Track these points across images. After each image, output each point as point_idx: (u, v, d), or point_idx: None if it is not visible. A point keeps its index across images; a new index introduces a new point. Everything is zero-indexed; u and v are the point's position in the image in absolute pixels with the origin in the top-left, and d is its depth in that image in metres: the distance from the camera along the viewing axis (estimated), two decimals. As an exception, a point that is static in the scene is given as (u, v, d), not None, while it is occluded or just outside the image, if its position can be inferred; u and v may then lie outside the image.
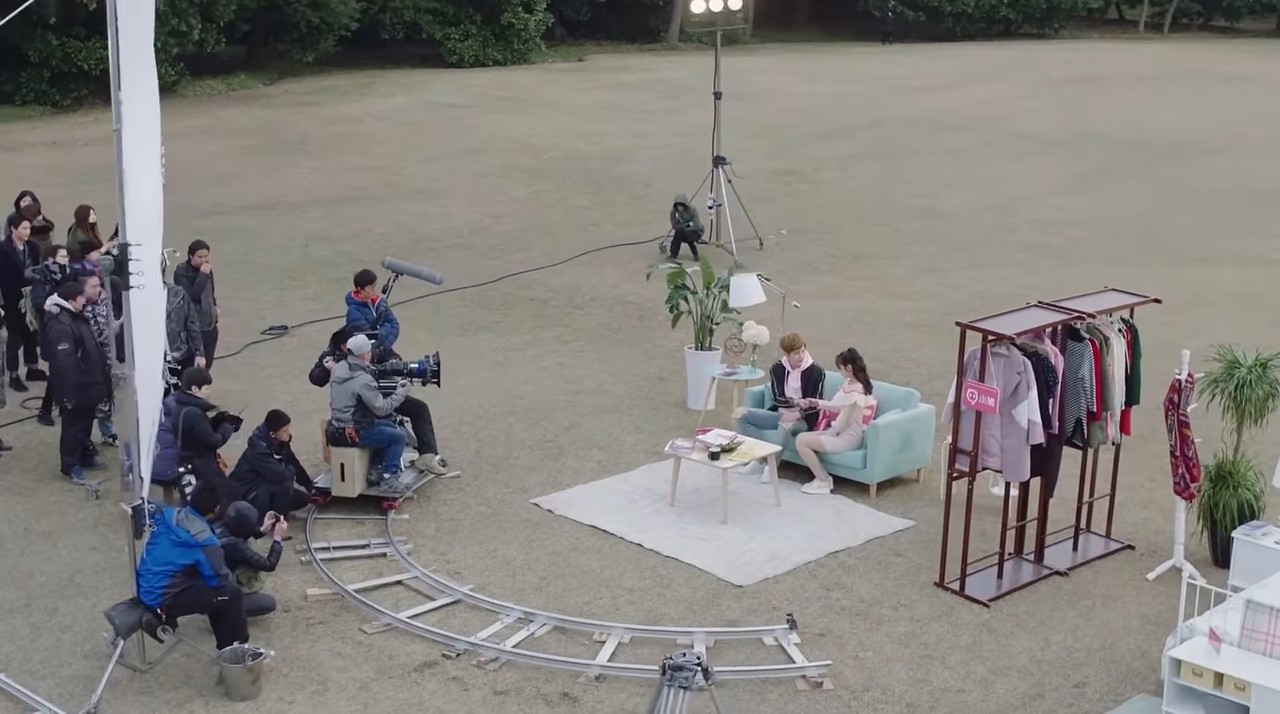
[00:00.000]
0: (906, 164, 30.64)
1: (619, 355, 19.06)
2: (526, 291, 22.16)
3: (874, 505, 14.40)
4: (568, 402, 17.31)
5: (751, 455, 14.21)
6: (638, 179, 30.05)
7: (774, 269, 22.73)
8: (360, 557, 13.34)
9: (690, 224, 23.84)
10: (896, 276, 22.66)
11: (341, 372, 13.98)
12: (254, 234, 25.82)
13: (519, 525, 14.00)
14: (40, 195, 20.33)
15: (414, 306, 21.00)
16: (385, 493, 14.08)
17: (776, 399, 15.22)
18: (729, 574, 12.91)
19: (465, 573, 13.05)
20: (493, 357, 19.03)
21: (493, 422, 16.65)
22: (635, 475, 15.07)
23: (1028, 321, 12.45)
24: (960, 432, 12.42)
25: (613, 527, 13.85)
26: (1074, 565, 13.17)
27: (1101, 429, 12.81)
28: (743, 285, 16.32)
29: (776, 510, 14.23)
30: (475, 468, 15.29)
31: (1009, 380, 12.17)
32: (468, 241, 25.19)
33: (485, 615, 12.27)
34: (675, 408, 17.11)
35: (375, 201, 28.15)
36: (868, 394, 14.65)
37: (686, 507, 14.29)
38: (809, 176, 29.84)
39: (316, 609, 12.43)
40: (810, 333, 18.97)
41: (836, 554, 13.40)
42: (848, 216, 26.44)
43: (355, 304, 15.41)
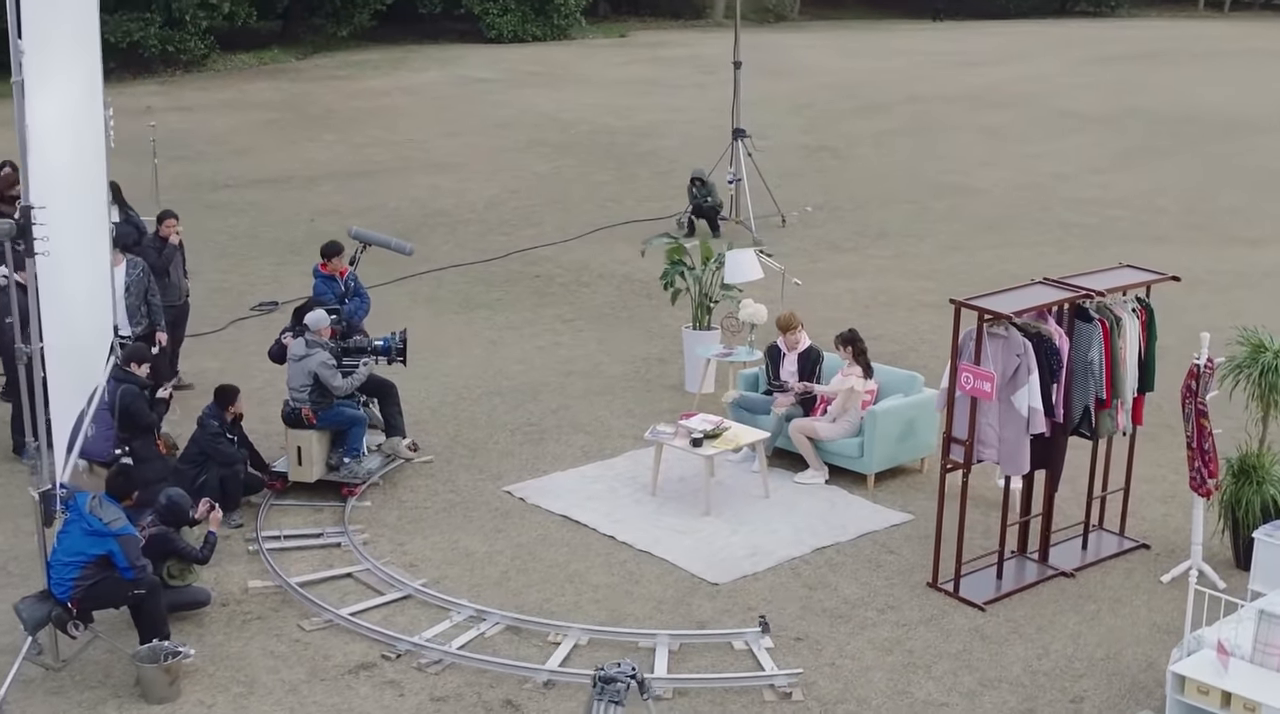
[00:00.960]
0: (942, 140, 29.50)
1: (619, 335, 18.09)
2: (533, 268, 21.23)
3: (871, 497, 13.38)
4: (558, 383, 16.36)
5: (737, 442, 13.18)
6: (664, 155, 29.04)
7: (794, 246, 21.81)
8: (312, 547, 12.45)
9: (708, 199, 22.83)
10: (920, 255, 21.58)
11: (298, 348, 13.08)
12: (263, 208, 25.07)
13: (487, 515, 13.06)
14: None
15: (413, 283, 20.22)
16: (345, 478, 13.18)
17: (770, 383, 14.20)
18: (704, 571, 11.92)
19: (422, 565, 12.12)
20: (487, 335, 18.11)
21: (475, 403, 15.72)
22: (619, 462, 14.10)
23: (1030, 300, 11.38)
24: (954, 420, 11.36)
25: (586, 517, 12.89)
26: (1082, 566, 12.11)
27: (1111, 417, 11.73)
28: (738, 260, 15.29)
29: (765, 502, 13.22)
30: (449, 452, 14.37)
31: (1008, 364, 11.10)
32: (480, 216, 24.30)
33: (435, 613, 11.35)
34: (671, 391, 16.13)
35: (390, 175, 27.32)
36: (868, 378, 13.61)
37: (668, 497, 13.31)
38: (841, 152, 28.75)
39: (256, 603, 11.53)
40: (824, 313, 18.09)
41: (824, 550, 12.39)
42: (876, 193, 25.34)
43: (322, 277, 14.51)
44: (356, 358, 13.43)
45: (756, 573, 11.97)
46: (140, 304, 14.68)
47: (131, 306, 14.57)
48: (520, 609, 11.38)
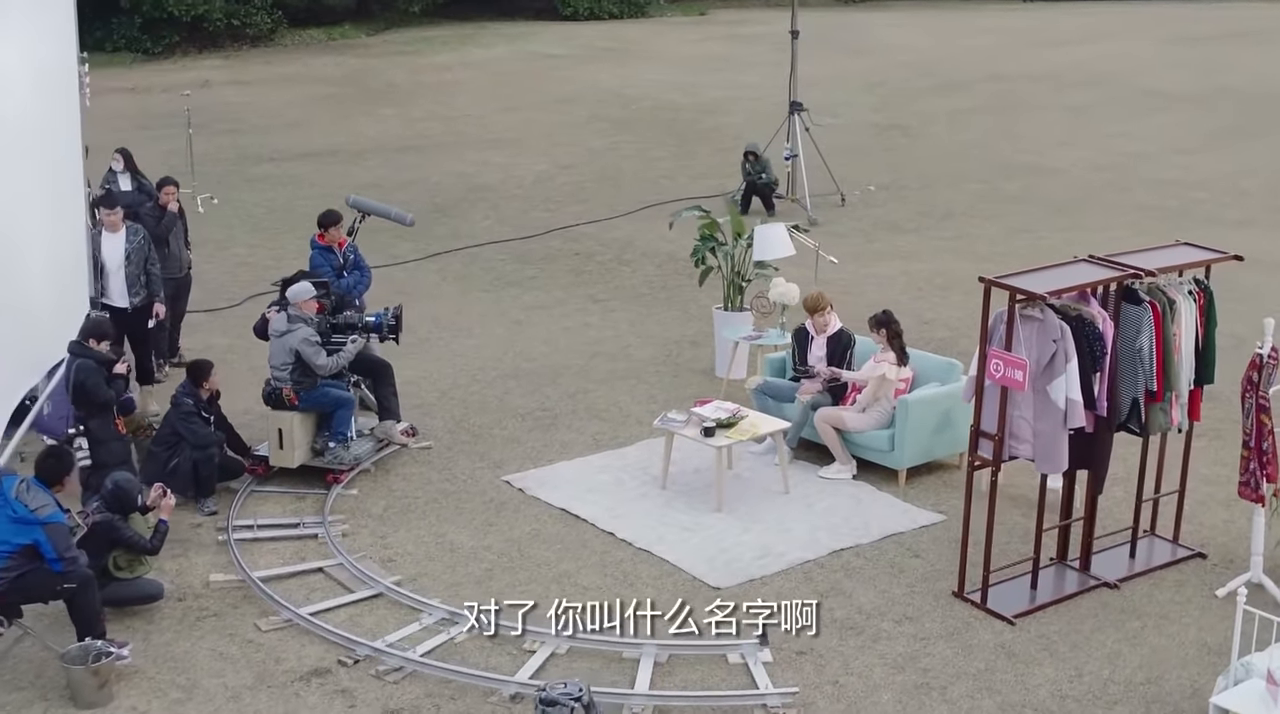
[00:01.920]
0: (1021, 120, 28.14)
1: (654, 316, 17.02)
2: (573, 246, 20.22)
3: (901, 495, 12.21)
4: (580, 366, 15.32)
5: (754, 432, 12.04)
6: (727, 132, 27.89)
7: (851, 226, 20.68)
8: (287, 538, 11.51)
9: (763, 176, 21.68)
10: (985, 237, 20.30)
11: (279, 323, 12.12)
12: (304, 181, 24.28)
13: (480, 506, 12.04)
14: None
15: (445, 260, 19.35)
16: (330, 464, 12.22)
17: (796, 368, 13.04)
18: (707, 573, 10.82)
19: (400, 560, 11.12)
20: (514, 314, 17.10)
21: (488, 386, 14.71)
22: (632, 451, 13.03)
23: (1070, 278, 10.15)
24: (983, 412, 10.16)
25: (586, 511, 11.83)
26: (1128, 576, 10.88)
27: (1164, 412, 10.48)
28: (768, 236, 14.14)
29: (784, 498, 12.10)
30: (451, 438, 13.37)
31: (1043, 350, 9.89)
32: (526, 192, 23.32)
33: (405, 614, 10.35)
34: (700, 376, 15.04)
35: (440, 150, 26.45)
36: (902, 364, 12.41)
37: (679, 490, 12.22)
38: (912, 130, 27.47)
39: (215, 599, 10.60)
40: (874, 296, 16.96)
41: (842, 553, 11.25)
42: (944, 172, 24.06)
43: (319, 248, 13.54)
44: (347, 335, 12.41)
45: (764, 577, 10.87)
46: (140, 273, 13.80)
47: (131, 276, 13.72)
48: (498, 612, 10.29)
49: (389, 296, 17.74)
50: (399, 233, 20.73)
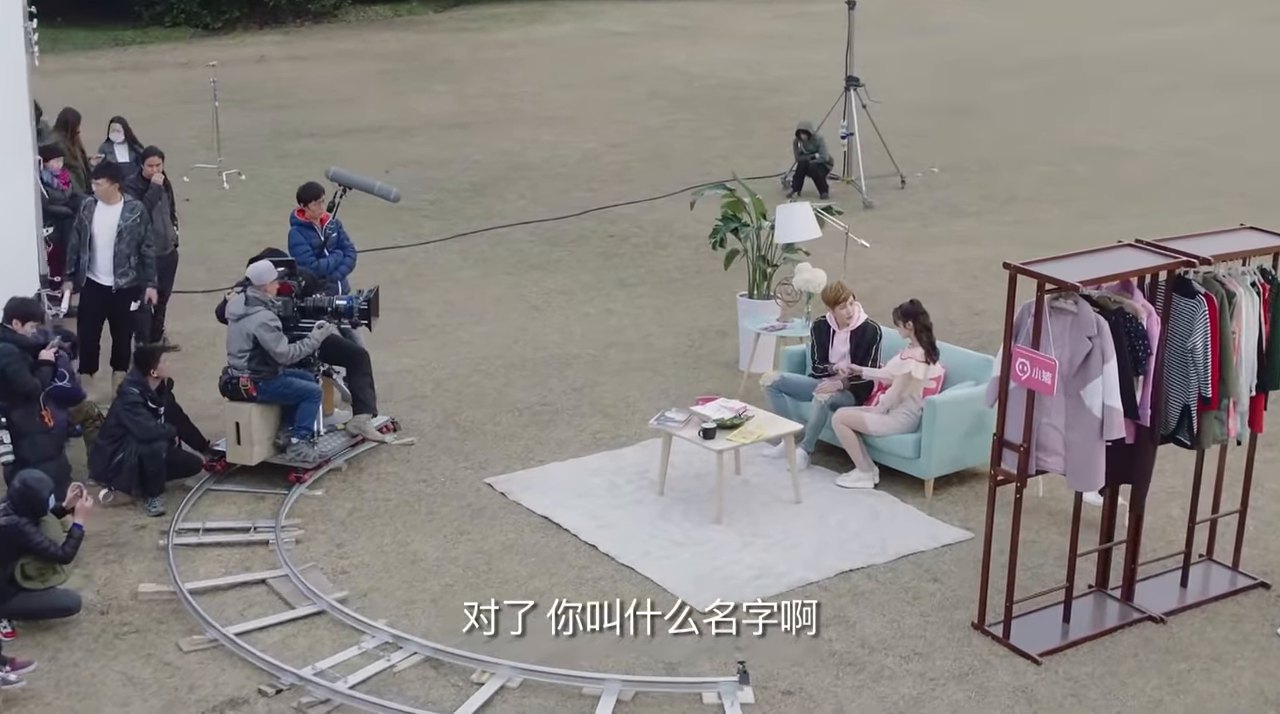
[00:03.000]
0: (1096, 101, 26.51)
1: (683, 303, 15.74)
2: (609, 227, 18.97)
3: (926, 508, 10.86)
4: (593, 356, 14.08)
5: (759, 435, 10.71)
6: (789, 111, 26.40)
7: (909, 209, 19.30)
8: (235, 543, 10.36)
9: (816, 155, 20.31)
10: (1049, 222, 18.81)
11: (236, 306, 10.98)
12: (343, 157, 23.13)
13: (454, 512, 10.84)
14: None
15: (471, 240, 18.27)
16: (292, 462, 11.04)
17: (816, 365, 11.69)
18: (693, 595, 9.53)
19: (354, 573, 9.94)
20: (533, 299, 15.89)
21: (490, 377, 13.51)
22: (630, 452, 11.78)
23: (1111, 266, 8.74)
24: (1007, 419, 8.78)
25: (569, 520, 10.59)
26: (1177, 608, 9.47)
27: (1219, 421, 9.06)
28: (791, 216, 12.81)
29: (794, 509, 10.79)
30: (438, 434, 12.18)
31: (1076, 348, 8.51)
32: (570, 170, 22.10)
33: (347, 635, 9.17)
34: (722, 369, 13.76)
35: (490, 127, 25.31)
36: (931, 362, 11.03)
37: (677, 497, 10.94)
38: (981, 111, 25.93)
39: (141, 613, 9.49)
40: (921, 284, 15.62)
41: (851, 574, 9.92)
42: (1012, 155, 22.55)
43: (298, 225, 12.37)
44: (316, 320, 11.24)
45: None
46: (131, 253, 12.70)
47: (120, 254, 12.63)
48: (452, 634, 9.08)
49: (404, 277, 16.72)
50: (424, 212, 19.71)
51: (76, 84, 28.93)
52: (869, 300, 15.10)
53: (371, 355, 13.10)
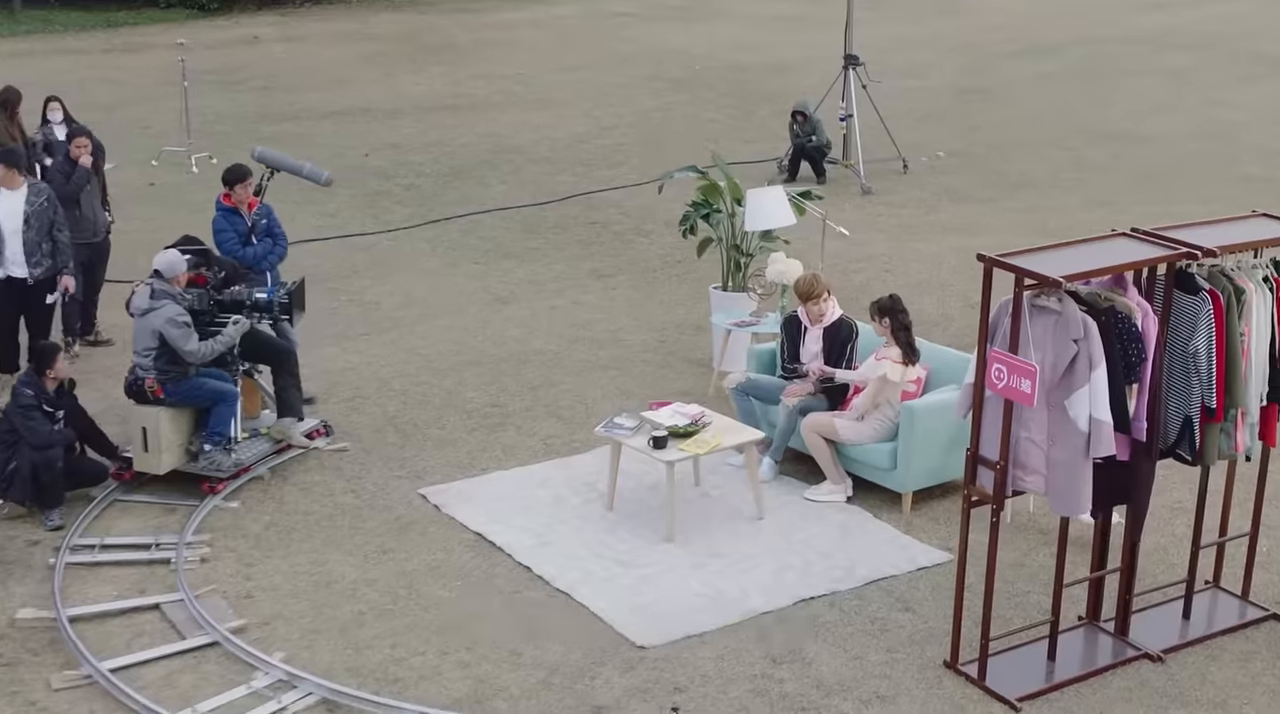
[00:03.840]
0: (1114, 84, 25.35)
1: (660, 295, 14.69)
2: (591, 213, 17.91)
3: (904, 525, 9.77)
4: (556, 353, 13.02)
5: (715, 444, 9.62)
6: (792, 93, 25.21)
7: (911, 195, 18.22)
8: (134, 562, 9.36)
9: (813, 138, 19.19)
10: (1060, 209, 17.69)
11: (141, 300, 9.95)
12: (323, 141, 22.24)
13: (381, 527, 9.79)
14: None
15: (441, 228, 17.28)
16: (206, 471, 9.99)
17: (784, 366, 10.59)
18: (630, 626, 8.47)
19: (259, 597, 8.89)
20: (499, 291, 14.84)
21: (440, 375, 12.47)
22: (583, 461, 10.72)
23: (1102, 258, 7.63)
24: (982, 432, 7.68)
25: (505, 538, 9.53)
26: (1178, 645, 8.39)
27: (1226, 435, 7.92)
28: (761, 202, 11.69)
29: (755, 526, 9.72)
30: (375, 439, 11.14)
31: (1060, 352, 7.40)
32: (557, 154, 21.05)
33: (238, 671, 8.11)
34: (694, 367, 12.69)
35: (478, 110, 24.29)
36: (909, 363, 9.93)
37: (628, 513, 9.88)
38: (993, 94, 24.79)
39: (16, 642, 8.52)
40: (919, 275, 14.62)
41: (812, 602, 8.84)
42: (1024, 139, 21.42)
43: (224, 211, 11.33)
44: (234, 314, 10.21)
45: (705, 633, 8.49)
46: (41, 240, 11.70)
47: (30, 242, 11.66)
48: (355, 673, 8.04)
49: (365, 267, 15.72)
50: (397, 197, 18.72)
51: (62, 65, 28.10)
52: (862, 291, 14.12)
53: (315, 352, 12.19)
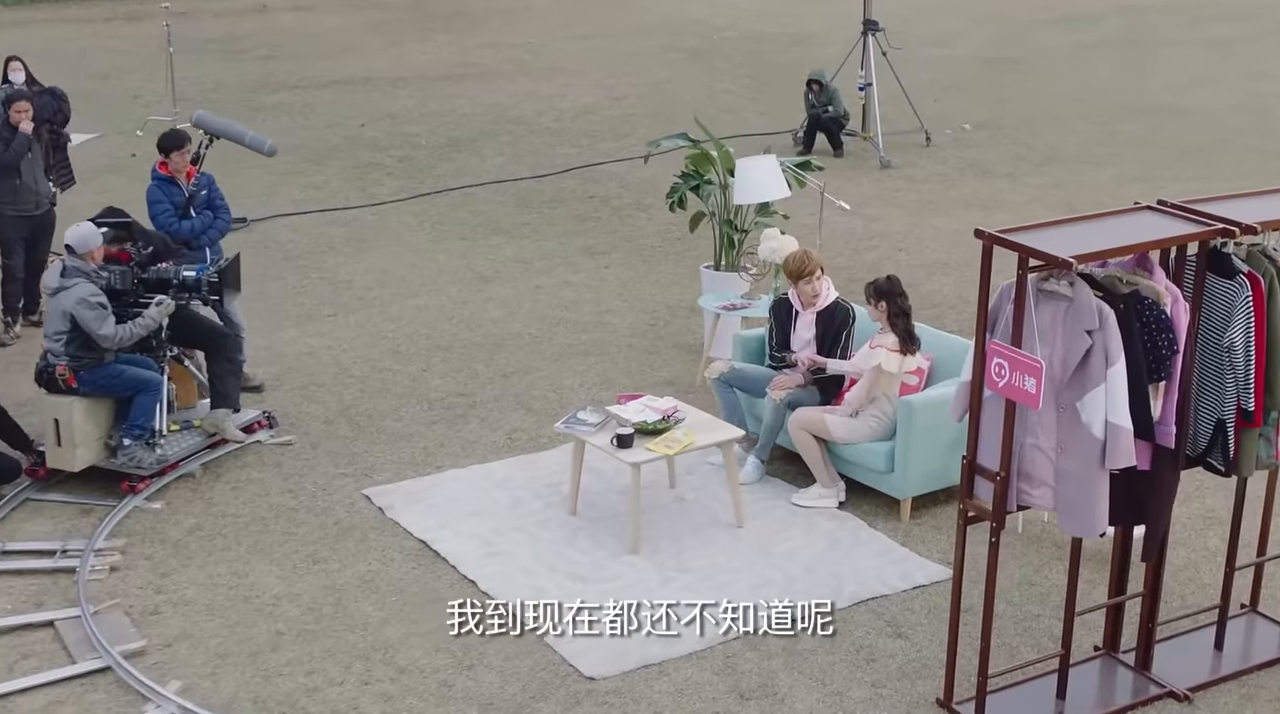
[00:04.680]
0: (1152, 55, 24.12)
1: (654, 274, 13.63)
2: (590, 187, 16.85)
3: (900, 536, 8.68)
4: (535, 337, 11.97)
5: (687, 443, 8.53)
6: (812, 64, 24.13)
7: (931, 169, 17.13)
8: (35, 571, 8.38)
9: (829, 109, 18.06)
10: (1090, 185, 16.52)
11: (51, 279, 8.96)
12: (318, 111, 21.29)
13: (315, 532, 8.77)
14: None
15: (431, 201, 16.32)
16: (125, 468, 8.97)
17: (773, 354, 9.49)
18: (581, 655, 7.36)
19: (167, 614, 7.89)
20: (484, 269, 13.79)
21: (406, 361, 11.44)
22: (549, 458, 9.68)
23: (1122, 235, 6.49)
24: (980, 437, 6.56)
25: (450, 546, 8.49)
26: (1209, 681, 7.25)
27: (1266, 441, 6.79)
28: (751, 172, 10.58)
29: (735, 535, 8.64)
30: (324, 431, 10.11)
31: (1072, 345, 6.29)
32: (561, 125, 19.98)
33: (127, 703, 7.09)
34: (683, 353, 11.64)
35: (484, 79, 23.28)
36: (908, 353, 8.81)
37: (592, 518, 8.83)
38: (1025, 65, 23.59)
39: (-114, 664, 7.40)
40: (933, 254, 13.64)
41: (791, 625, 7.69)
42: (1055, 112, 20.23)
43: (159, 180, 10.29)
44: (160, 294, 9.17)
45: (664, 662, 7.41)
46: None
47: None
48: (258, 703, 6.99)
49: (342, 243, 14.77)
50: (388, 169, 17.72)
51: (64, 33, 27.32)
52: (873, 270, 13.02)
53: (273, 335, 11.27)
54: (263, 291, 13.22)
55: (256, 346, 11.74)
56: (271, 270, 13.82)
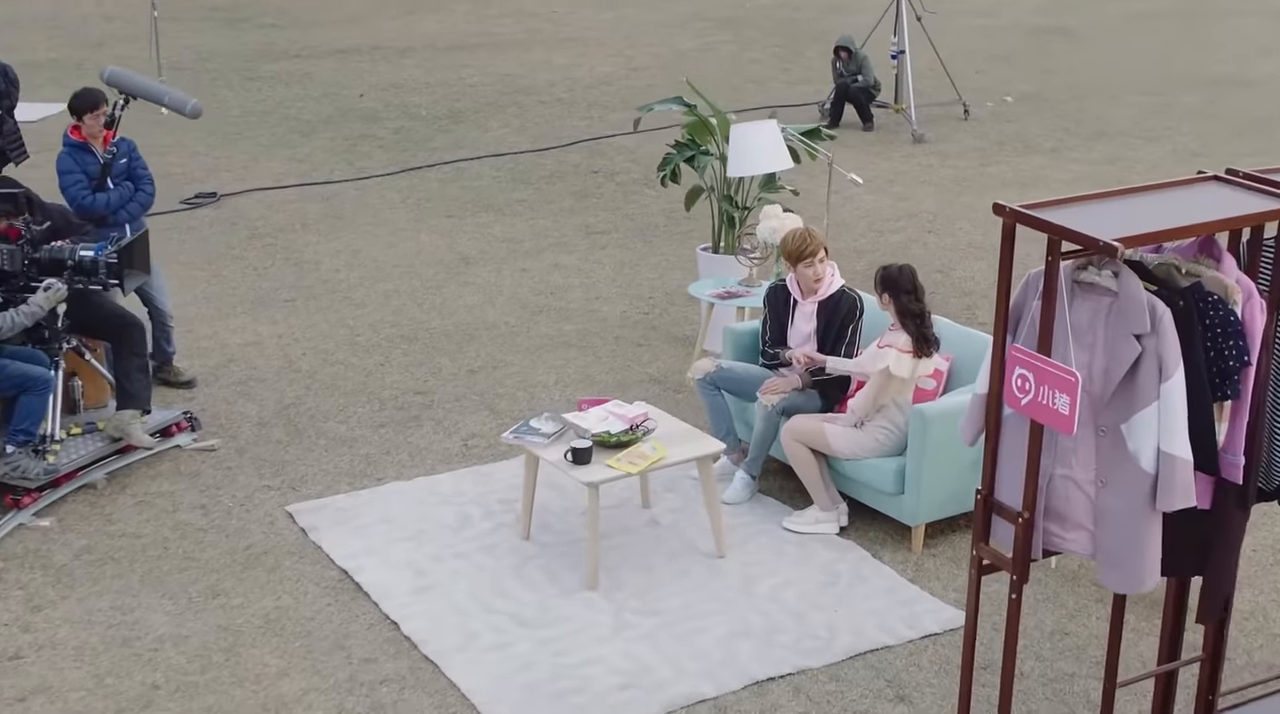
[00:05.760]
0: (1214, 25, 22.59)
1: (654, 257, 12.29)
2: (595, 161, 15.54)
3: (910, 571, 7.28)
4: (513, 326, 10.64)
5: (655, 458, 7.14)
6: (847, 32, 22.74)
7: (968, 144, 15.72)
8: (-114, 602, 6.97)
9: (858, 78, 16.63)
10: (1143, 161, 15.06)
11: (-79, 258, 7.57)
12: (318, 80, 20.05)
13: (222, 558, 7.45)
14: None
15: (422, 175, 15.02)
16: (8, 479, 7.70)
17: (766, 350, 8.09)
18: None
19: (31, 658, 6.65)
20: (467, 249, 12.47)
21: (364, 353, 10.12)
22: (506, 469, 8.35)
23: (1181, 212, 5.06)
24: (998, 467, 5.15)
25: (377, 577, 7.14)
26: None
27: (1361, 475, 5.33)
28: (747, 138, 9.16)
29: (714, 567, 7.27)
30: (256, 434, 8.80)
31: (1116, 353, 4.88)
32: (573, 96, 18.64)
33: (-48, 776, 5.72)
34: (678, 346, 10.33)
35: (498, 49, 22.01)
36: (921, 355, 7.39)
37: (549, 542, 7.47)
38: (1075, 35, 22.08)
39: None
40: (964, 236, 12.33)
41: (770, 685, 6.41)
42: (1106, 83, 18.72)
43: (71, 146, 8.97)
44: (53, 276, 7.86)
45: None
46: None
47: None
48: (112, 783, 5.67)
49: (315, 220, 13.51)
50: (381, 141, 16.43)
51: (60, 1, 26.21)
52: (897, 254, 11.69)
53: (220, 322, 10.13)
54: (219, 273, 11.98)
55: (200, 335, 10.50)
56: (234, 249, 12.57)
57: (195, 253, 12.32)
